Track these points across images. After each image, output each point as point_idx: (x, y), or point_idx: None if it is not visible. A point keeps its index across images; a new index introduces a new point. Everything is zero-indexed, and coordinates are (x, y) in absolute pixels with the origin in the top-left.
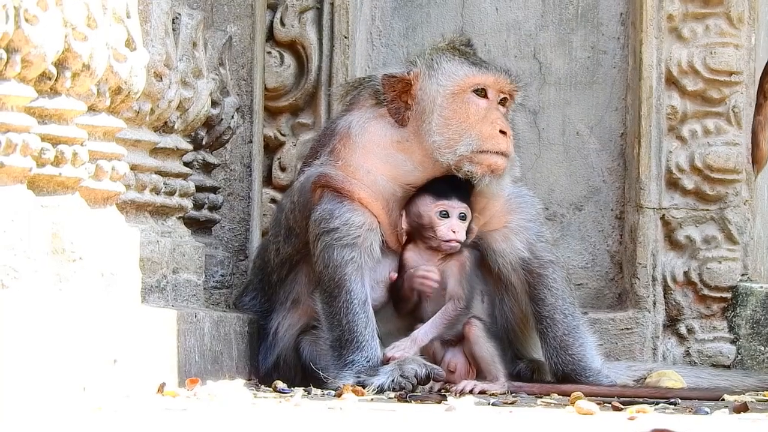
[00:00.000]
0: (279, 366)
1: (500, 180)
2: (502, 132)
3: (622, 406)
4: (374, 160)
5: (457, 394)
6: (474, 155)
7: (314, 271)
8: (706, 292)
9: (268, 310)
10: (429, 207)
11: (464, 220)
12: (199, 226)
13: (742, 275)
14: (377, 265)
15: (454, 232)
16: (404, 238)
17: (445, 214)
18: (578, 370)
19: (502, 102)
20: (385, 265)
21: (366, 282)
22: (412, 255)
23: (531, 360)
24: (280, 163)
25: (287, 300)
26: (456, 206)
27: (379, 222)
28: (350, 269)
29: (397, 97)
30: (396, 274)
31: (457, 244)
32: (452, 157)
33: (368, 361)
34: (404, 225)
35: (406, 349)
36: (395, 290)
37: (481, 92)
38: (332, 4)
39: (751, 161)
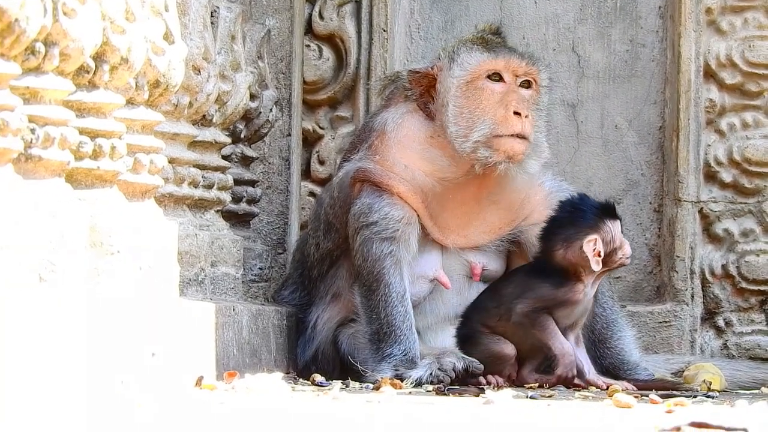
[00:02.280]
0: (317, 359)
1: (523, 166)
2: (517, 114)
3: (660, 400)
4: (411, 155)
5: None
6: (489, 140)
7: (353, 265)
8: (743, 285)
9: (308, 304)
10: (617, 227)
11: None
12: (237, 220)
13: None
14: (418, 260)
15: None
16: (600, 268)
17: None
18: (617, 363)
19: (526, 85)
20: (429, 260)
21: (405, 276)
22: (587, 290)
23: None
24: (318, 156)
25: (327, 294)
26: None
27: (418, 216)
28: (389, 263)
29: (425, 92)
30: (448, 282)
31: None
32: (468, 146)
33: (406, 354)
34: (603, 253)
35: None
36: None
37: (496, 77)
38: None
39: None
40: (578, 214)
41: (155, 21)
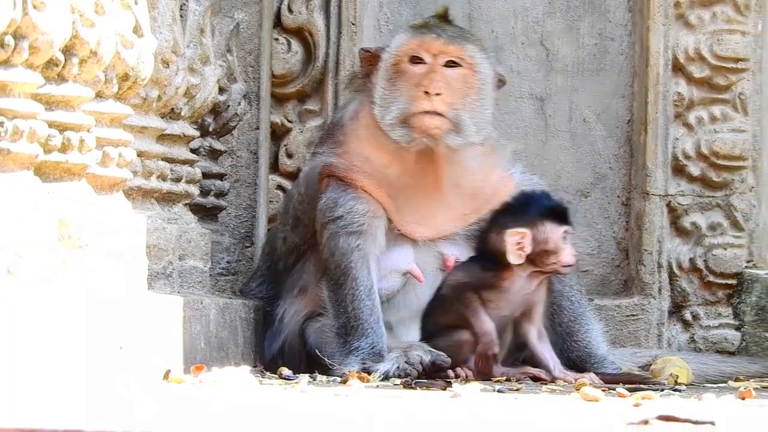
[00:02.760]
0: (284, 352)
1: (451, 141)
2: (429, 93)
3: (627, 393)
4: (369, 147)
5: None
6: (405, 120)
7: (321, 259)
8: (711, 278)
9: (275, 297)
10: (556, 232)
11: None
12: (205, 213)
13: (748, 262)
14: (391, 253)
15: (572, 255)
16: (522, 262)
17: (566, 239)
18: (584, 357)
19: (451, 65)
20: (401, 253)
21: (372, 269)
22: (518, 279)
23: None
24: (286, 149)
25: (294, 288)
26: (571, 231)
27: (385, 210)
28: (356, 257)
29: (370, 74)
30: (421, 275)
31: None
32: (387, 127)
33: (373, 348)
34: (528, 249)
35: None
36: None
37: (417, 59)
38: None
39: None
40: (521, 207)
41: (124, 14)
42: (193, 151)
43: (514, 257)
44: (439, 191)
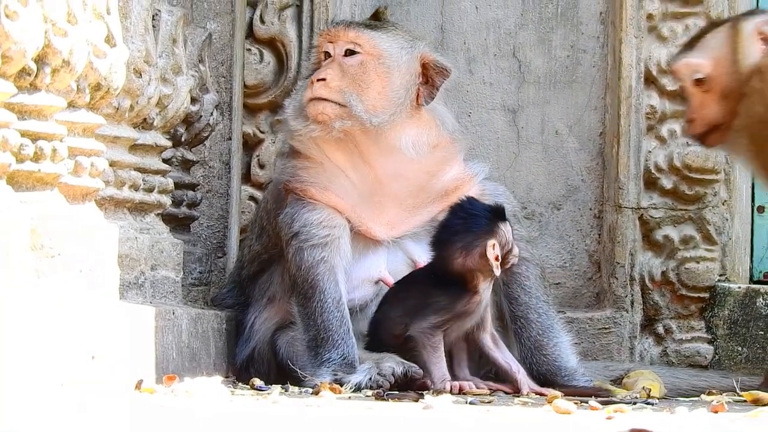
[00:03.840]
0: (254, 359)
1: (340, 125)
2: (313, 81)
3: (599, 406)
4: (322, 153)
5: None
6: (302, 111)
7: (289, 274)
8: (684, 292)
9: (245, 304)
10: (509, 230)
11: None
12: (177, 223)
13: (720, 275)
14: (361, 262)
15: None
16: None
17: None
18: (553, 370)
19: (349, 53)
20: (372, 261)
21: (340, 281)
22: (485, 293)
23: None
24: (259, 160)
25: (263, 297)
26: (510, 240)
27: (342, 213)
28: (322, 269)
29: None
30: (390, 278)
31: None
32: (290, 122)
33: (344, 359)
34: (499, 257)
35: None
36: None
37: (327, 54)
38: (312, 1)
39: None
40: (473, 220)
41: (97, 24)
42: (165, 161)
43: (497, 269)
44: (380, 184)
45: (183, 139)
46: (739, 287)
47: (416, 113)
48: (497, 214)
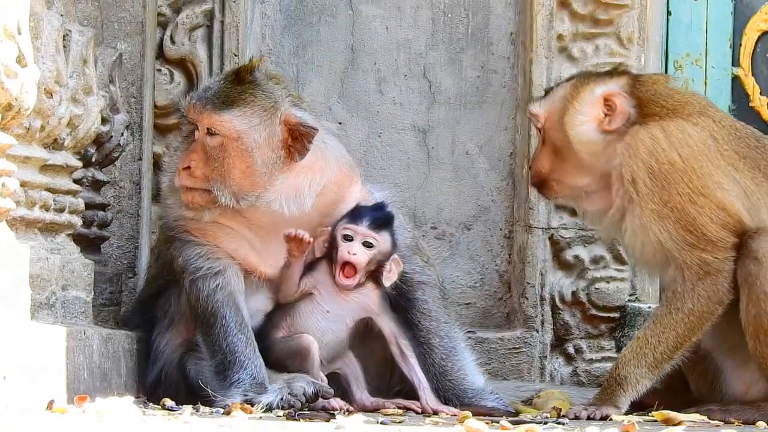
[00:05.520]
0: (161, 380)
1: (209, 215)
2: (180, 168)
3: (510, 426)
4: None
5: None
6: (175, 189)
7: (189, 305)
8: (594, 312)
9: (150, 323)
10: (338, 228)
11: (370, 248)
12: (88, 244)
13: (630, 295)
14: (255, 295)
15: (350, 253)
16: (319, 252)
17: (347, 238)
18: (460, 394)
19: (210, 132)
20: (264, 292)
21: (240, 304)
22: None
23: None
24: None
25: (164, 318)
26: (361, 232)
27: (230, 254)
28: (219, 296)
29: None
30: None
31: (351, 278)
32: (166, 194)
33: (254, 379)
34: (322, 241)
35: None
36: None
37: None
38: (222, 22)
39: None
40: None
41: (8, 44)
42: (76, 181)
43: (318, 251)
44: (268, 235)
45: (94, 160)
46: (650, 307)
47: (293, 167)
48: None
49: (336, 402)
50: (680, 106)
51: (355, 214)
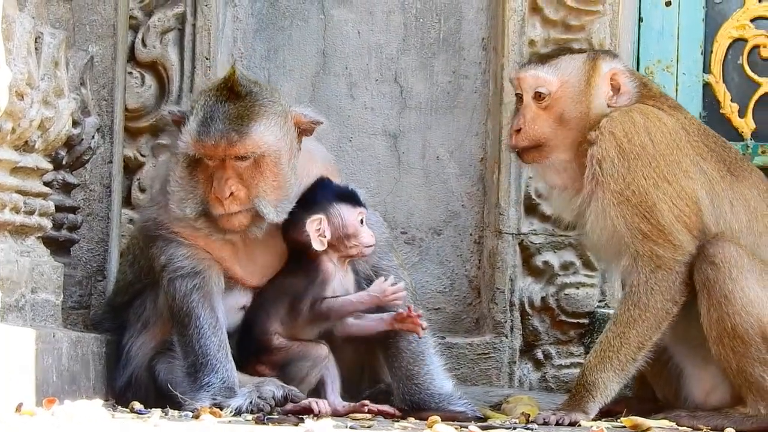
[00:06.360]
0: (131, 385)
1: (257, 231)
2: (220, 198)
3: (479, 430)
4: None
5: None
6: (208, 215)
7: (167, 303)
8: (563, 317)
9: (121, 327)
10: (353, 215)
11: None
12: (58, 246)
13: (600, 301)
14: (228, 293)
15: (371, 236)
16: (324, 248)
17: (362, 221)
18: (426, 398)
19: (240, 158)
20: (236, 293)
21: (216, 306)
22: (331, 266)
23: (388, 383)
24: (139, 184)
25: (137, 322)
26: (365, 212)
27: (209, 252)
28: (195, 297)
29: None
30: None
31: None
32: (192, 220)
33: (224, 383)
34: (327, 235)
35: None
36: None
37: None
38: (194, 25)
39: None
40: (308, 196)
41: None
42: (46, 184)
43: (318, 245)
44: (254, 243)
45: (64, 162)
46: None
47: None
48: (339, 195)
49: (319, 404)
50: (660, 97)
51: (349, 197)
